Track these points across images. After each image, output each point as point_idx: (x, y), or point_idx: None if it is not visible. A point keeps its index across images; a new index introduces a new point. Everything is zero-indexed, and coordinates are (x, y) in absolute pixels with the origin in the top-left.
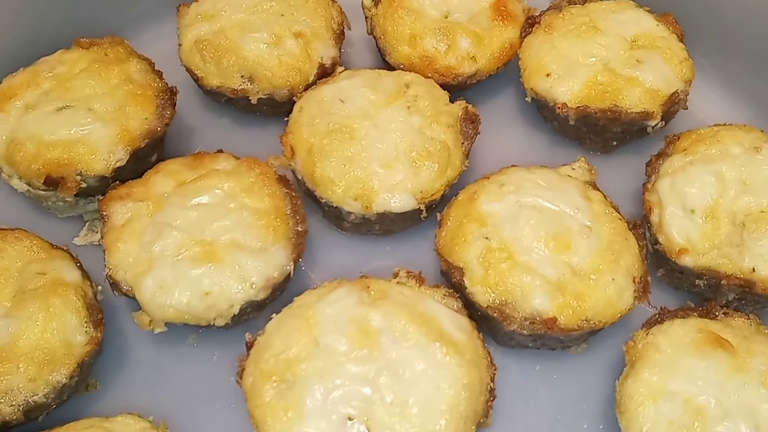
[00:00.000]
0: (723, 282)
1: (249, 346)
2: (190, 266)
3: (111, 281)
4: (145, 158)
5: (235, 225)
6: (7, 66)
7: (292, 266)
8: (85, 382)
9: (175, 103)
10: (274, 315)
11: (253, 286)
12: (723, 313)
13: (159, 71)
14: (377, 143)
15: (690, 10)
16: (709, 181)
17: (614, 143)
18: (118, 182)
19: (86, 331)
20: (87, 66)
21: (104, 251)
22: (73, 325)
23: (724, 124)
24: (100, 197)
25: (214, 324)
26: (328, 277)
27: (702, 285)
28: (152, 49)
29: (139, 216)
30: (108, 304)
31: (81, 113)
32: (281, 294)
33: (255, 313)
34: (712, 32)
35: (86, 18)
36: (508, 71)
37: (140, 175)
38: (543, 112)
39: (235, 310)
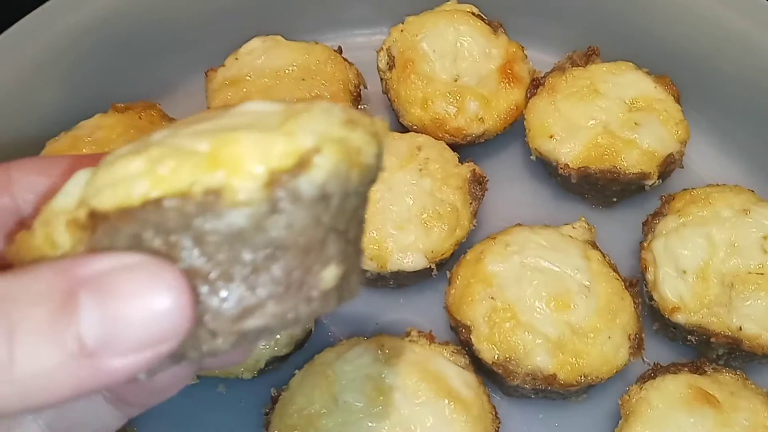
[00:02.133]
0: (712, 339)
1: (274, 401)
2: None
3: None
4: None
5: None
6: (51, 130)
7: (313, 324)
8: (124, 429)
9: None
10: (297, 371)
11: (277, 343)
12: (712, 369)
13: None
14: (391, 206)
15: (687, 70)
16: (700, 243)
17: (614, 199)
18: None
19: None
20: (123, 131)
21: None
22: None
23: (717, 185)
24: None
25: (241, 376)
26: (346, 328)
27: (693, 340)
28: (182, 111)
29: None
30: None
31: None
32: (303, 347)
33: (278, 365)
34: (708, 91)
35: (121, 82)
36: (514, 129)
37: None
38: (547, 169)
39: (261, 364)
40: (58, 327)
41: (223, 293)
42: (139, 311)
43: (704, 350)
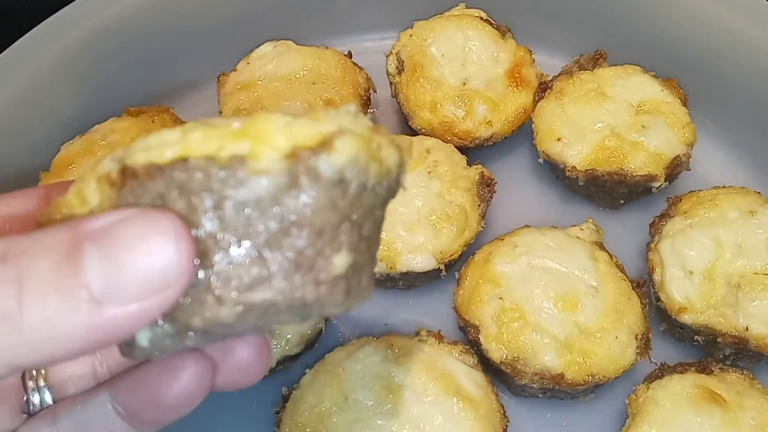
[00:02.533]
0: (719, 339)
1: (285, 399)
2: None
3: None
4: None
5: None
6: (66, 134)
7: (323, 323)
8: None
9: None
10: (307, 370)
11: (288, 342)
12: (719, 368)
13: None
14: (400, 207)
15: (694, 74)
16: (706, 244)
17: (621, 201)
18: None
19: None
20: (137, 134)
21: None
22: None
23: (724, 187)
24: None
25: None
26: (356, 328)
27: (700, 341)
28: (194, 115)
29: None
30: None
31: None
32: (313, 347)
33: (289, 364)
34: (715, 94)
35: (135, 87)
36: (522, 132)
37: None
38: (555, 172)
39: (272, 364)
40: (64, 277)
41: (234, 259)
42: (139, 256)
43: (711, 350)
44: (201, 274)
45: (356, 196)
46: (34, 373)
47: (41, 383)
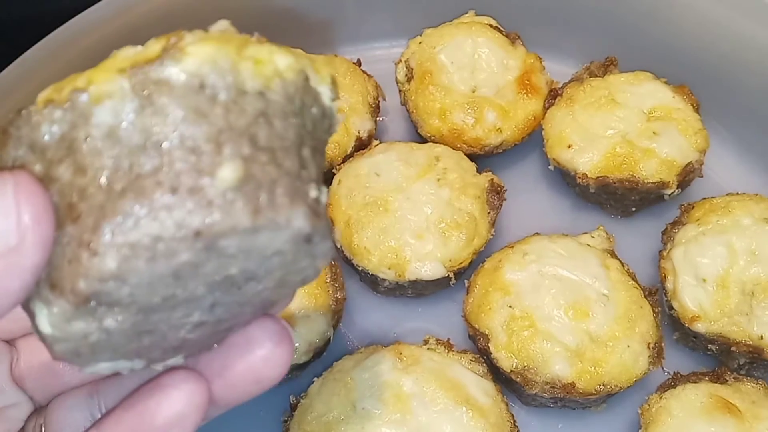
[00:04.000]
0: (733, 348)
1: (293, 408)
2: None
3: None
4: None
5: None
6: None
7: (332, 332)
8: None
9: None
10: (315, 378)
11: (297, 351)
12: (733, 378)
13: None
14: (409, 215)
15: (706, 80)
16: (720, 251)
17: (633, 209)
18: None
19: None
20: None
21: None
22: None
23: (737, 193)
24: None
25: None
26: (365, 337)
27: (714, 350)
28: None
29: None
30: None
31: None
32: (322, 355)
33: (297, 373)
34: (727, 100)
35: None
36: (532, 139)
37: None
38: (565, 179)
39: None
40: None
41: (104, 201)
42: None
43: (725, 359)
44: (70, 229)
45: (233, 102)
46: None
47: None
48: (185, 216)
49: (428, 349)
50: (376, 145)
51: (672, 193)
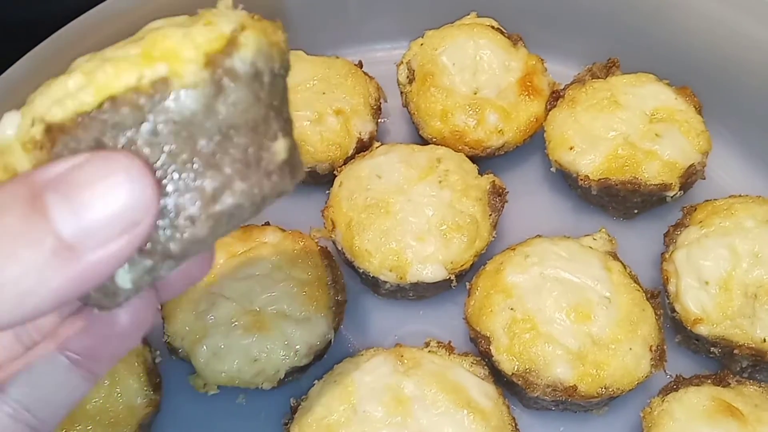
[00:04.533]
0: (735, 351)
1: (294, 411)
2: (240, 335)
3: (169, 347)
4: None
5: (281, 296)
6: None
7: (333, 334)
8: None
9: None
10: (316, 381)
11: (297, 353)
12: (736, 381)
13: None
14: (410, 217)
15: (709, 81)
16: (722, 254)
17: (635, 211)
18: None
19: (146, 394)
20: None
21: (162, 319)
22: (134, 390)
23: (740, 195)
24: None
25: (261, 387)
26: (366, 339)
27: (717, 352)
28: None
29: (195, 286)
30: (164, 367)
31: None
32: (322, 358)
33: (298, 376)
34: (730, 102)
35: None
36: (534, 141)
37: None
38: (567, 181)
39: (281, 375)
40: (32, 229)
41: (191, 177)
42: (102, 197)
43: (728, 362)
44: (164, 201)
45: (271, 84)
46: None
47: None
48: (257, 186)
49: (429, 351)
50: (377, 147)
51: (674, 195)
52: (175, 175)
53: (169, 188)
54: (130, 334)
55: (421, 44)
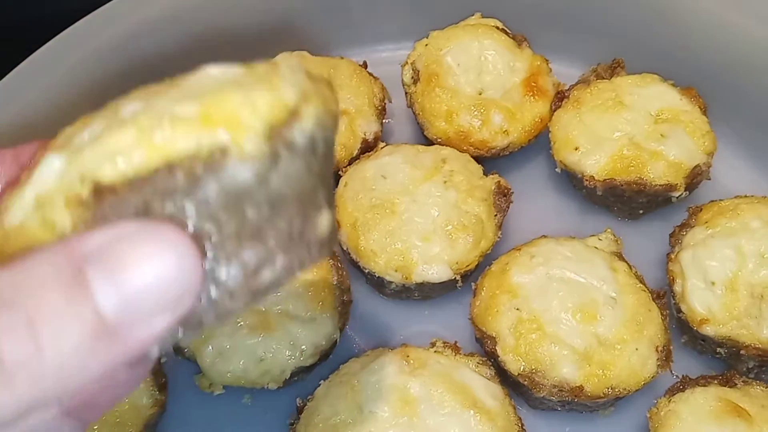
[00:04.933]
0: (742, 351)
1: (300, 411)
2: (246, 335)
3: (174, 347)
4: None
5: (287, 296)
6: None
7: (338, 334)
8: None
9: None
10: (322, 381)
11: (303, 353)
12: (742, 381)
13: None
14: (416, 217)
15: (714, 82)
16: (728, 254)
17: (641, 211)
18: None
19: (152, 394)
20: None
21: None
22: (140, 390)
23: (745, 196)
24: None
25: (267, 387)
26: (372, 339)
27: (723, 353)
28: None
29: None
30: (170, 367)
31: None
32: (328, 358)
33: (303, 376)
34: (735, 102)
35: None
36: (539, 141)
37: None
38: (572, 181)
39: (286, 375)
40: (75, 306)
41: (235, 249)
42: (149, 275)
43: (734, 363)
44: (207, 272)
45: (324, 153)
46: None
47: None
48: (297, 259)
49: (435, 352)
50: (382, 148)
51: (680, 195)
52: (219, 246)
53: (212, 259)
54: (128, 386)
55: (426, 45)
